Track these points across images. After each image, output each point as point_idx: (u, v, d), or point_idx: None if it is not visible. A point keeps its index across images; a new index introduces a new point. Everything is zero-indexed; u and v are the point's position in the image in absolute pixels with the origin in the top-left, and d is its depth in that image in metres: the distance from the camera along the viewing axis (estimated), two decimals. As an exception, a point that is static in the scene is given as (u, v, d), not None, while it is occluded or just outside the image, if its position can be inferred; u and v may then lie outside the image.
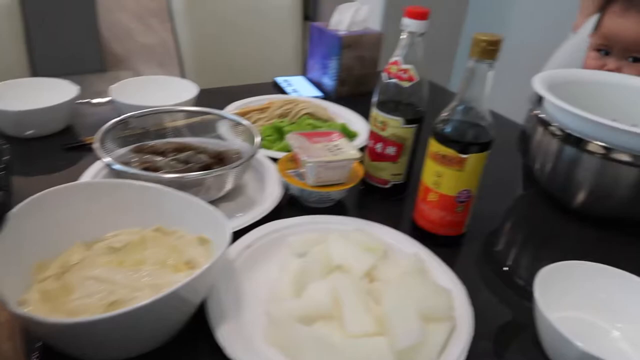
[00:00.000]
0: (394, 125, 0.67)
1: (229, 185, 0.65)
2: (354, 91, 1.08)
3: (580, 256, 0.56)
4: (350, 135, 0.87)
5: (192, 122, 0.77)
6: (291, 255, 0.58)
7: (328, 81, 1.09)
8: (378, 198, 0.74)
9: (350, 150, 0.67)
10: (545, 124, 0.73)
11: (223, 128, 0.78)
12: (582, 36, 1.11)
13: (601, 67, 0.94)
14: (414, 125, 0.67)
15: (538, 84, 0.74)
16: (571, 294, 0.53)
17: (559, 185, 0.74)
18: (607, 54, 0.95)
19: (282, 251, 0.59)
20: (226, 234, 0.46)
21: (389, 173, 0.71)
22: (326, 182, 0.67)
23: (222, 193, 0.66)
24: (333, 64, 1.05)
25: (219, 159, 0.70)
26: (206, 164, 0.68)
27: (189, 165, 0.68)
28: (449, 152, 0.58)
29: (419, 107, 0.67)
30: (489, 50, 0.53)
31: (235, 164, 0.62)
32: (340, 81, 1.06)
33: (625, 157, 0.65)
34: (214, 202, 0.66)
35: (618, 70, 0.93)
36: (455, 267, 0.58)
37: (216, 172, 0.61)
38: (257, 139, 0.68)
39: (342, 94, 1.08)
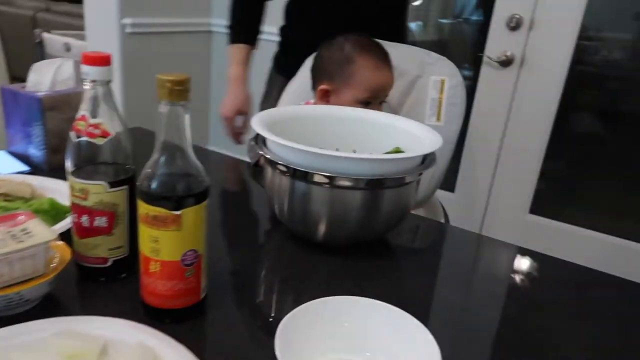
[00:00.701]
0: (97, 191, 0.55)
1: None
2: (71, 159, 0.92)
3: (334, 289, 0.54)
4: (62, 211, 0.72)
5: None
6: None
7: (35, 152, 0.90)
8: (100, 281, 0.60)
9: (43, 232, 0.53)
10: (272, 163, 0.71)
11: None
12: (298, 82, 1.19)
13: None
14: (122, 187, 0.56)
15: (257, 125, 0.72)
16: (321, 335, 0.49)
17: (299, 221, 0.73)
18: (367, 104, 1.01)
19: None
20: None
21: (105, 249, 0.58)
22: (14, 280, 0.51)
23: None
24: (37, 131, 0.88)
25: None
26: None
27: None
28: (160, 211, 0.49)
29: (125, 165, 0.57)
30: (178, 91, 0.47)
31: None
32: (51, 149, 0.89)
33: (347, 183, 0.67)
34: None
35: None
36: (203, 341, 0.49)
37: None
38: None
39: (55, 163, 0.90)
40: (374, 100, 1.03)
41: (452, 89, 1.10)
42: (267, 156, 0.71)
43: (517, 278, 0.74)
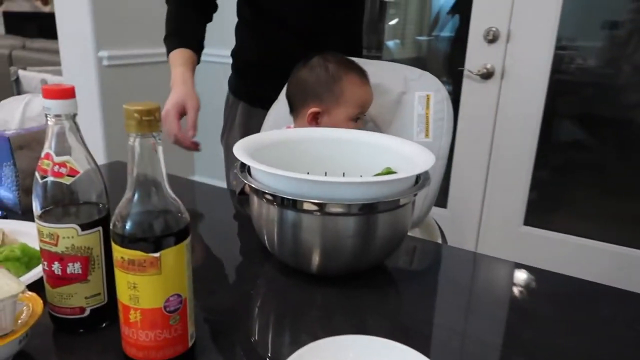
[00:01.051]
0: (68, 235, 0.50)
1: None
2: (46, 199, 0.87)
3: (333, 323, 0.54)
4: (35, 256, 0.67)
5: None
6: None
7: (6, 194, 0.85)
8: (78, 333, 0.55)
9: (9, 284, 0.48)
10: (259, 192, 0.67)
11: None
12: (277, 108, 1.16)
13: None
14: (96, 229, 0.52)
15: (240, 153, 0.69)
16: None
17: (290, 252, 0.69)
18: (356, 120, 1.00)
19: None
20: None
21: (81, 297, 0.53)
22: (-24, 342, 0.46)
23: None
24: (7, 172, 0.83)
25: None
26: None
27: None
28: (137, 255, 0.45)
29: (98, 204, 0.53)
30: (148, 121, 0.43)
31: None
32: (23, 191, 0.84)
33: (338, 209, 0.63)
34: None
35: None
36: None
37: None
38: None
39: (29, 205, 0.85)
40: (361, 115, 1.02)
41: (438, 104, 1.07)
42: (253, 185, 0.67)
43: (520, 297, 0.70)
